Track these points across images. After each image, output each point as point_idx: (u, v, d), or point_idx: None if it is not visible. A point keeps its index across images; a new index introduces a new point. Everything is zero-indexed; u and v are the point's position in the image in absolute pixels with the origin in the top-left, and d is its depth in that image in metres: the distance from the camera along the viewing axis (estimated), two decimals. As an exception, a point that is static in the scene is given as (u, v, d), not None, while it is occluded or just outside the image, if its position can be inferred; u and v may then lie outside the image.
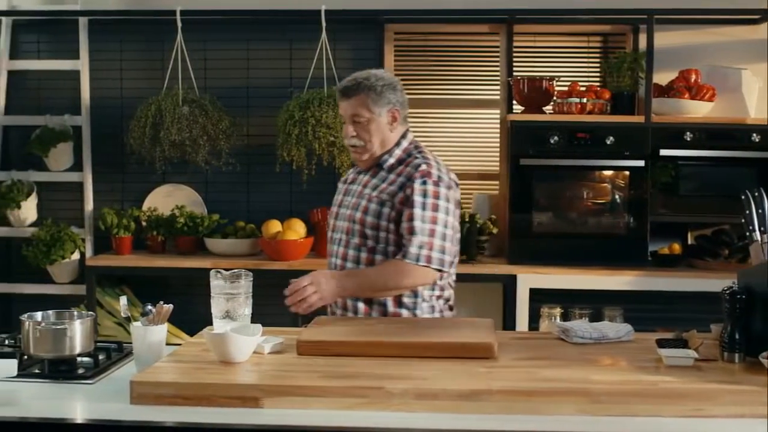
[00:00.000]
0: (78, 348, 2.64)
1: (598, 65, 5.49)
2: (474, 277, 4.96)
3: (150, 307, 2.67)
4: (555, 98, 5.06)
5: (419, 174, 3.20)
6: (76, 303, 5.15)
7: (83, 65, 5.50)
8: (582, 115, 4.95)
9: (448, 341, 2.64)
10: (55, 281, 5.49)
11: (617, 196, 5.05)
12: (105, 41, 5.54)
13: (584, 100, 4.96)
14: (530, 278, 4.85)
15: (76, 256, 5.43)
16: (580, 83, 5.17)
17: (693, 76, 5.08)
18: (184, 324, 4.77)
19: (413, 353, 2.59)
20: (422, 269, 3.13)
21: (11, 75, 5.57)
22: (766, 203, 2.82)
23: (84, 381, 2.56)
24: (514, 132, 4.99)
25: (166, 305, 2.68)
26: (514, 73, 5.22)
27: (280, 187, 5.48)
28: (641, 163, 4.94)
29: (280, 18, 5.38)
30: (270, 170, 5.32)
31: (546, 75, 5.13)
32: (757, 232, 2.82)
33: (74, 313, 2.80)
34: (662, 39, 5.15)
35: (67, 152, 5.52)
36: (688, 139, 4.94)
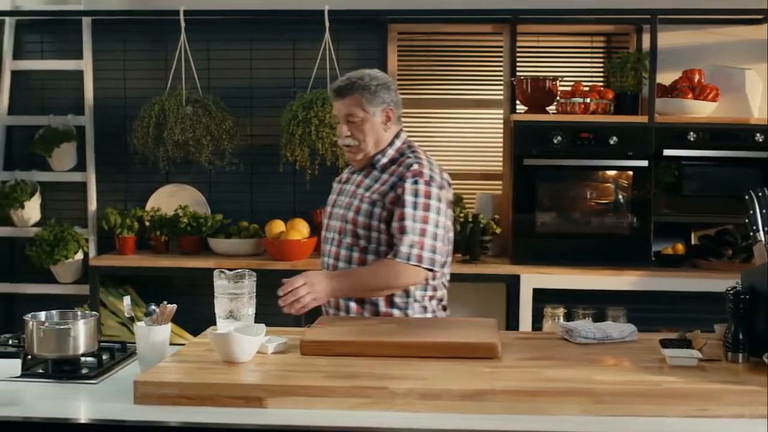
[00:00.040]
0: (82, 348, 2.64)
1: (602, 65, 5.48)
2: (477, 277, 4.97)
3: (154, 307, 2.68)
4: (558, 98, 5.06)
5: (411, 173, 3.19)
6: (80, 303, 5.16)
7: (86, 65, 5.50)
8: (585, 115, 4.95)
9: (452, 341, 2.64)
10: (59, 281, 5.49)
11: (620, 196, 5.05)
12: (108, 41, 5.55)
13: (587, 100, 4.95)
14: (533, 278, 4.85)
15: (80, 256, 5.43)
16: (584, 83, 5.16)
17: (696, 76, 5.07)
18: (188, 324, 4.76)
19: (417, 353, 2.59)
20: (413, 268, 3.11)
21: (15, 75, 5.57)
22: (770, 203, 2.82)
23: (88, 381, 2.56)
24: (518, 132, 4.99)
25: (170, 305, 2.68)
26: (518, 73, 5.22)
27: (284, 187, 5.48)
28: (644, 163, 4.93)
29: (284, 18, 5.38)
30: (273, 170, 5.32)
31: (549, 75, 5.13)
32: (761, 232, 2.81)
33: (78, 313, 2.79)
34: (665, 39, 5.14)
35: (71, 152, 5.52)
36: (692, 139, 4.94)
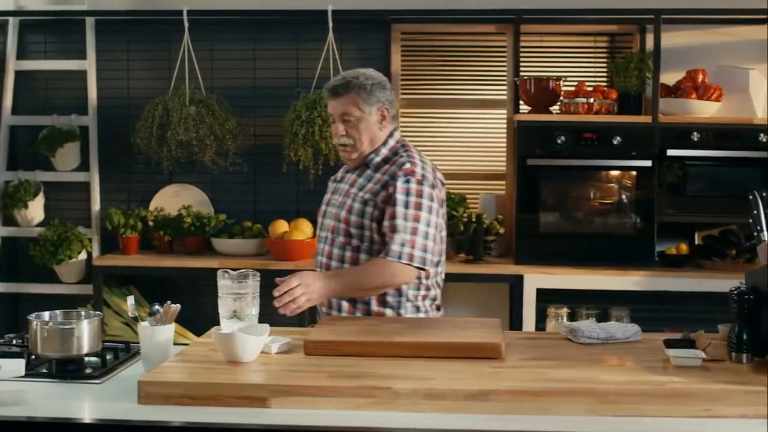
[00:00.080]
0: (86, 348, 2.64)
1: (605, 65, 5.48)
2: (480, 277, 4.98)
3: (158, 307, 2.68)
4: (562, 98, 5.05)
5: (402, 172, 3.18)
6: (83, 303, 5.15)
7: (90, 65, 5.50)
8: (589, 115, 4.95)
9: (456, 341, 2.64)
10: (62, 281, 5.50)
11: (624, 197, 5.04)
12: (112, 41, 5.55)
13: (591, 100, 4.95)
14: (537, 278, 4.85)
15: (83, 256, 5.44)
16: (587, 83, 5.16)
17: (700, 76, 5.07)
18: (191, 324, 4.78)
19: (421, 353, 2.59)
20: (405, 267, 3.10)
21: (18, 75, 5.57)
22: (774, 203, 2.82)
23: (92, 381, 2.56)
24: (521, 132, 4.99)
25: (174, 305, 2.69)
26: (521, 73, 5.21)
27: (287, 187, 5.48)
28: (648, 163, 4.93)
29: (287, 18, 5.38)
30: (277, 170, 5.32)
31: (553, 75, 5.13)
32: (765, 233, 2.81)
33: (82, 313, 2.80)
34: (669, 39, 5.14)
35: (74, 152, 5.52)
36: (696, 140, 4.93)
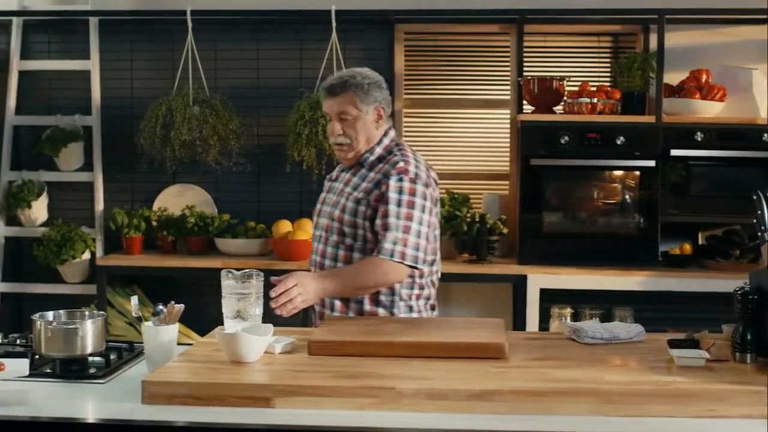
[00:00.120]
0: (89, 348, 2.64)
1: (609, 65, 5.47)
2: (484, 277, 4.98)
3: (161, 307, 2.67)
4: (565, 98, 5.05)
5: (395, 171, 3.19)
6: (87, 303, 5.17)
7: (94, 65, 5.51)
8: (592, 115, 4.94)
9: (459, 341, 2.64)
10: (66, 281, 5.50)
11: (628, 197, 5.04)
12: (115, 41, 5.56)
13: (595, 100, 4.95)
14: (540, 278, 4.84)
15: (87, 256, 5.44)
16: (591, 83, 5.16)
17: (704, 76, 5.07)
18: (195, 324, 4.78)
19: (424, 353, 2.59)
20: (397, 266, 3.10)
21: (22, 75, 5.58)
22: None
23: (95, 381, 2.56)
24: (525, 132, 4.99)
25: (178, 305, 2.68)
26: (525, 73, 5.21)
27: (291, 187, 5.48)
28: (652, 163, 4.93)
29: (291, 18, 5.38)
30: (280, 170, 5.32)
31: (556, 75, 5.12)
32: (769, 233, 2.81)
33: (85, 313, 2.80)
34: (673, 39, 5.14)
35: (78, 152, 5.53)
36: (699, 139, 4.93)
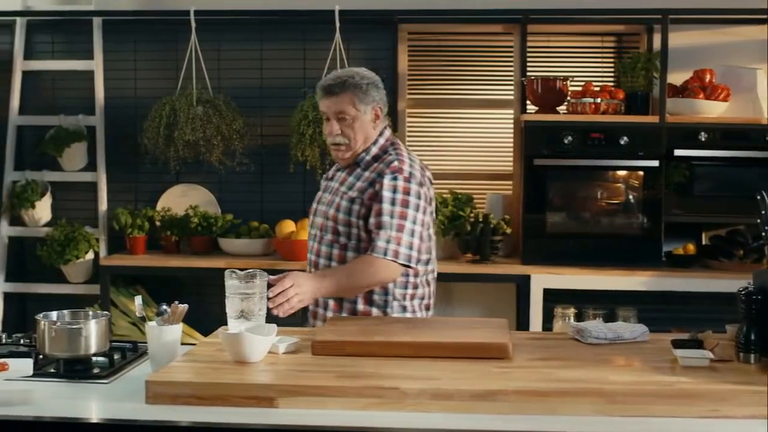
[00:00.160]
0: (93, 348, 2.65)
1: (612, 65, 5.47)
2: (487, 277, 4.98)
3: (165, 307, 2.68)
4: (569, 98, 5.05)
5: (390, 170, 3.19)
6: (90, 303, 5.17)
7: (97, 65, 5.51)
8: (596, 115, 4.94)
9: (463, 341, 2.64)
10: (69, 281, 5.51)
11: (631, 197, 5.04)
12: (119, 41, 5.56)
13: (598, 100, 4.94)
14: (544, 278, 4.84)
15: (90, 256, 5.44)
16: (594, 83, 5.16)
17: (707, 76, 5.06)
18: (198, 324, 4.77)
19: (428, 353, 2.59)
20: (389, 264, 3.10)
21: (25, 75, 5.58)
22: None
23: (99, 380, 2.56)
24: (528, 132, 4.99)
25: (181, 305, 2.69)
26: (528, 73, 5.21)
27: (294, 187, 5.48)
28: (655, 164, 4.92)
29: (294, 18, 5.38)
30: (284, 170, 5.32)
31: (560, 75, 5.13)
32: (773, 233, 2.80)
33: (89, 313, 2.80)
34: (676, 39, 5.13)
35: (81, 152, 5.53)
36: (703, 139, 4.93)
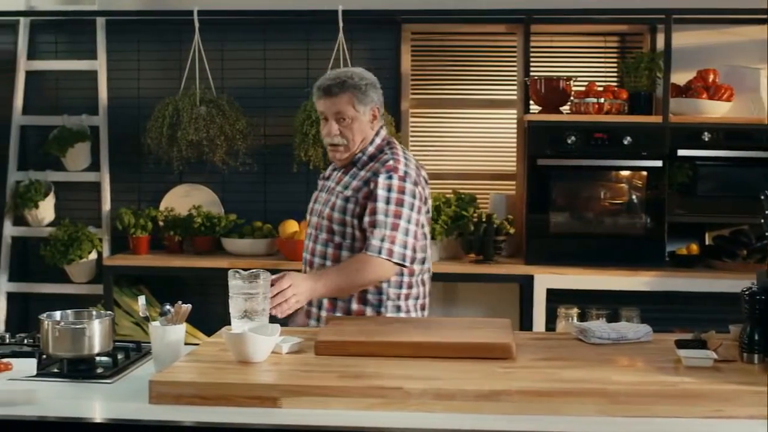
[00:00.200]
0: (97, 347, 2.64)
1: (616, 65, 5.47)
2: (491, 278, 4.98)
3: (169, 307, 2.67)
4: (572, 98, 5.05)
5: (385, 169, 3.19)
6: (94, 303, 5.17)
7: (101, 65, 5.52)
8: (599, 115, 4.94)
9: (467, 341, 2.64)
10: (73, 281, 5.51)
11: (635, 197, 5.03)
12: (122, 41, 5.56)
13: (601, 100, 4.94)
14: (547, 278, 4.84)
15: (94, 256, 5.45)
16: (598, 83, 5.15)
17: (711, 76, 5.06)
18: (201, 324, 4.78)
19: (431, 353, 2.58)
20: (383, 262, 3.10)
21: (29, 75, 5.59)
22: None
23: (103, 380, 2.56)
24: (531, 132, 4.99)
25: (185, 305, 2.68)
26: (531, 73, 5.21)
27: (297, 187, 5.46)
28: (659, 164, 4.92)
29: (297, 18, 5.38)
30: (287, 170, 5.32)
31: (563, 75, 5.12)
32: (776, 233, 2.80)
33: (93, 313, 2.80)
34: (680, 39, 5.13)
35: (85, 152, 5.54)
36: (706, 139, 4.92)
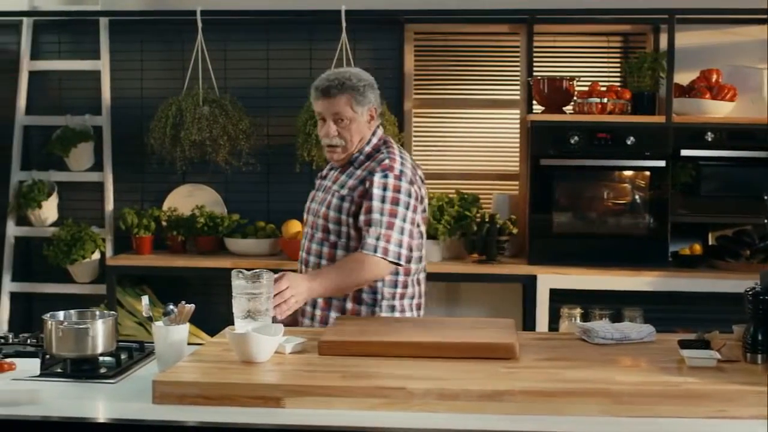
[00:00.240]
0: (100, 347, 2.64)
1: (619, 65, 5.47)
2: (494, 278, 4.97)
3: (172, 307, 2.67)
4: (575, 98, 5.05)
5: (380, 168, 3.19)
6: (97, 303, 5.18)
7: (104, 65, 5.52)
8: (602, 115, 4.93)
9: (470, 341, 2.64)
10: (76, 281, 5.51)
11: (638, 197, 5.03)
12: (125, 41, 5.57)
13: (605, 100, 4.94)
14: (550, 278, 4.84)
15: (97, 256, 5.45)
16: (601, 83, 5.15)
17: (714, 76, 5.05)
18: (205, 324, 4.78)
19: (434, 353, 2.58)
20: (379, 261, 3.10)
21: (32, 75, 5.59)
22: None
23: (106, 380, 2.56)
24: (534, 132, 4.98)
25: (188, 305, 2.68)
26: (535, 73, 5.21)
27: (300, 187, 5.41)
28: (662, 164, 4.92)
29: (301, 18, 5.38)
30: (290, 170, 5.33)
31: (566, 75, 5.12)
32: (780, 233, 2.80)
33: (96, 313, 2.80)
34: (683, 39, 5.12)
35: (88, 152, 5.54)
36: (709, 140, 4.92)
